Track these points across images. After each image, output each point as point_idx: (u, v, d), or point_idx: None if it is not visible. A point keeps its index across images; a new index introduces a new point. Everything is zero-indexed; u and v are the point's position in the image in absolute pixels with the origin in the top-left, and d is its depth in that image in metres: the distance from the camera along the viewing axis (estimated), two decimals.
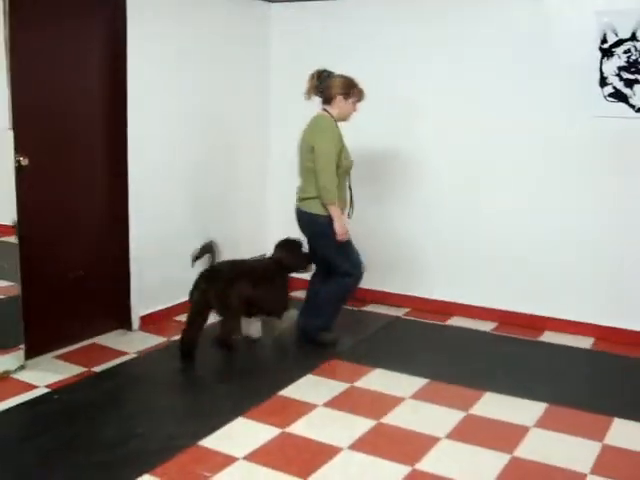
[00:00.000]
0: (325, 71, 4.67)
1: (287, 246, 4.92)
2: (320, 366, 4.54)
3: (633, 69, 4.73)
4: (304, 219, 4.74)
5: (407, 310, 5.71)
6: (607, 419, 3.87)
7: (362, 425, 3.76)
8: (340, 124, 4.67)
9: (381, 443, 3.59)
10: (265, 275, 4.80)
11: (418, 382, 4.31)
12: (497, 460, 3.42)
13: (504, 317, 5.40)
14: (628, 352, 4.84)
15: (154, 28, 5.00)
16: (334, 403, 4.03)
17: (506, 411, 3.96)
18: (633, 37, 4.70)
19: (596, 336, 5.10)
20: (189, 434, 3.60)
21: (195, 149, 5.55)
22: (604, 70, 4.81)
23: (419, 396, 4.13)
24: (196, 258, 4.56)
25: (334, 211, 4.56)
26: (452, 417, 3.87)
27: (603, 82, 4.83)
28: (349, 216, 4.83)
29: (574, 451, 3.55)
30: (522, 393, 4.17)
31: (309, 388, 4.22)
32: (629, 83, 4.75)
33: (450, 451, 3.52)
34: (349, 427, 3.73)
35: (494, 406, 4.02)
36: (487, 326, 5.38)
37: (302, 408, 3.95)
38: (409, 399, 4.09)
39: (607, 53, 4.80)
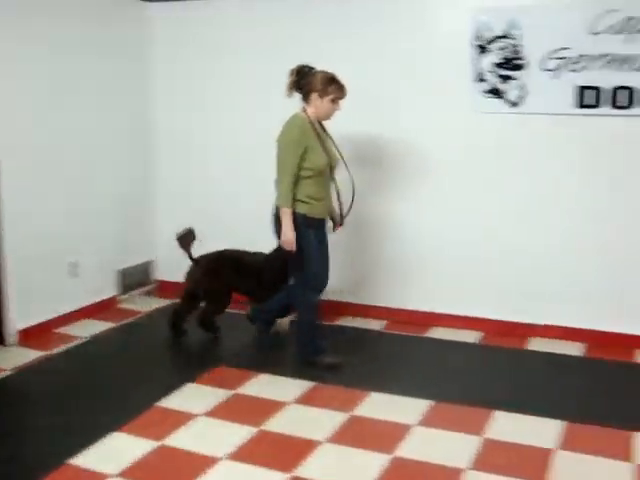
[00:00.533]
0: (306, 66, 4.37)
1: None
2: (203, 374, 4.42)
3: (507, 65, 4.79)
4: (274, 213, 4.41)
5: None
6: (488, 412, 3.89)
7: (243, 433, 3.67)
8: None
9: (261, 451, 3.51)
10: (252, 266, 4.96)
11: (303, 386, 4.25)
12: (377, 461, 3.39)
13: (392, 315, 5.40)
14: (513, 345, 4.91)
15: (20, 28, 4.80)
16: (215, 412, 3.92)
17: (390, 411, 3.93)
18: (507, 34, 4.76)
19: (485, 330, 5.15)
20: (60, 453, 3.44)
21: (71, 154, 5.36)
22: (480, 67, 4.87)
23: (303, 400, 4.07)
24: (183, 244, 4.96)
25: (283, 214, 4.27)
26: (335, 420, 3.82)
27: (480, 78, 4.88)
28: (336, 222, 4.63)
29: (455, 447, 3.55)
30: (407, 392, 4.16)
31: (190, 397, 4.10)
32: (504, 79, 4.82)
33: (330, 455, 3.47)
34: (229, 436, 3.64)
35: (378, 406, 4.00)
36: (376, 325, 5.36)
37: (181, 418, 3.82)
38: (293, 404, 4.02)
39: (483, 50, 4.85)
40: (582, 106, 4.69)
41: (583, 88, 4.67)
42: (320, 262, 4.47)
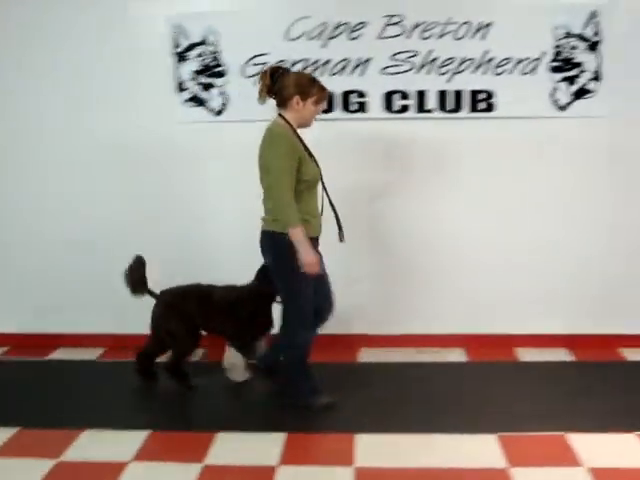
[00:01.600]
0: (280, 68, 3.88)
1: (262, 271, 4.19)
2: None
3: (208, 72, 4.67)
4: (264, 239, 3.86)
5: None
6: (209, 436, 3.71)
7: None
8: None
9: None
10: (226, 303, 4.25)
11: (5, 434, 3.79)
12: None
13: (114, 342, 5.06)
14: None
15: None
16: None
17: (105, 448, 3.62)
18: (205, 41, 4.63)
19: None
20: None
21: None
22: (180, 75, 4.69)
23: (3, 452, 3.62)
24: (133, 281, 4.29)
25: (297, 235, 3.63)
26: (40, 469, 3.42)
27: (181, 87, 4.71)
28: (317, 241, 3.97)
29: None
30: (123, 424, 3.87)
31: None
32: (206, 87, 4.68)
33: None
34: None
35: (90, 445, 3.66)
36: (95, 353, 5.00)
37: None
38: None
39: (182, 58, 4.68)
40: None
41: None
42: (321, 293, 3.98)
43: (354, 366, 4.69)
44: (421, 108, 4.65)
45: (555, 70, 4.62)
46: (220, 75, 4.67)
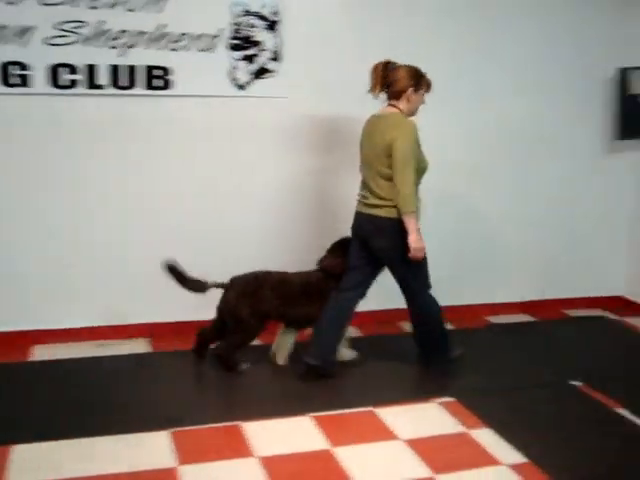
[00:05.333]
0: (390, 62, 4.05)
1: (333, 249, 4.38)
2: None
3: None
4: (381, 225, 4.05)
5: None
6: None
7: None
8: None
9: None
10: (300, 288, 4.25)
11: None
12: None
13: None
14: None
15: None
16: None
17: None
18: None
19: None
20: None
21: None
22: None
23: None
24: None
25: (412, 222, 3.94)
26: None
27: None
28: None
29: None
30: None
31: None
32: None
33: None
34: None
35: None
36: None
37: None
38: None
39: None
40: None
41: None
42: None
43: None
44: (91, 83, 4.33)
45: (234, 48, 4.52)
46: None
